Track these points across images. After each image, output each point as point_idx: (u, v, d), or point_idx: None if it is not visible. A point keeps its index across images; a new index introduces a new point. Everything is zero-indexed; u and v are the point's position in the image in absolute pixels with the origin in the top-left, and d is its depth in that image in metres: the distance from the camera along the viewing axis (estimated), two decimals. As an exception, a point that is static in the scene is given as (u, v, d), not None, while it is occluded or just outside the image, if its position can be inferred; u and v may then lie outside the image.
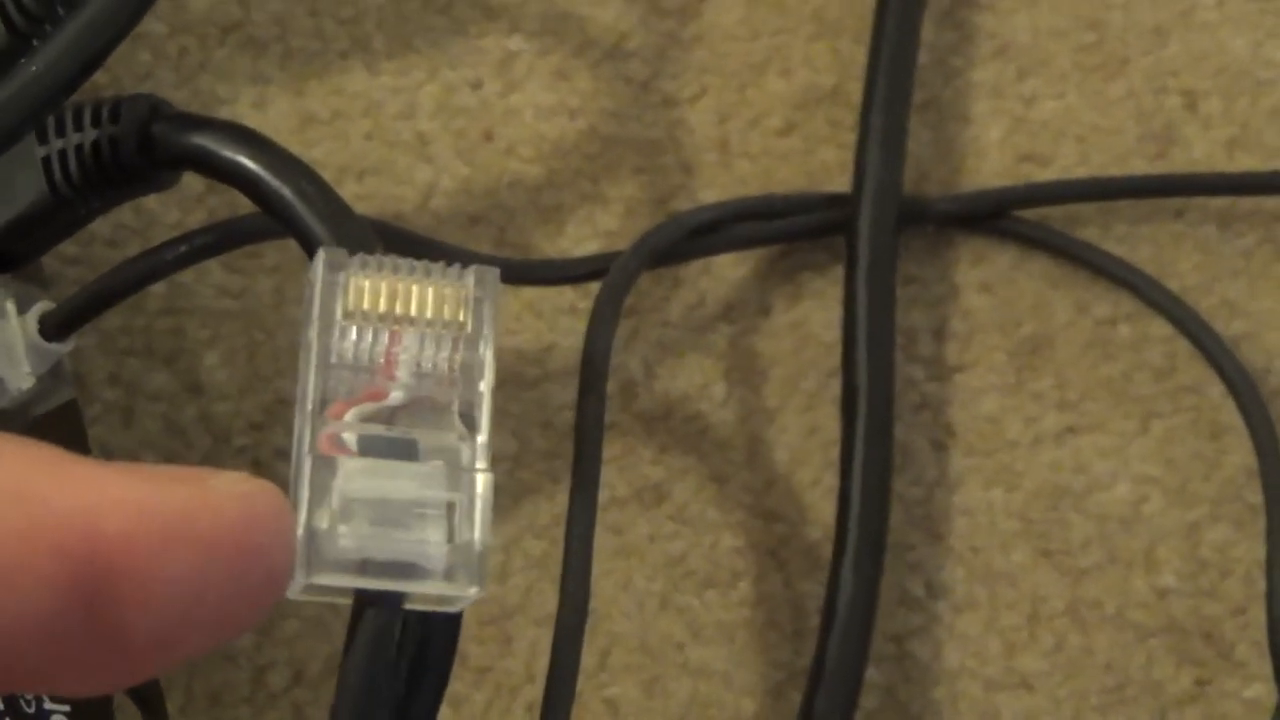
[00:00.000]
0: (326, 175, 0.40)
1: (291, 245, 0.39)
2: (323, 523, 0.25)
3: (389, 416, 0.26)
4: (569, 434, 0.40)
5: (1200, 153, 0.44)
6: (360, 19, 0.41)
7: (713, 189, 0.42)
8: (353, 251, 0.26)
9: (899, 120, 0.42)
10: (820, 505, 0.40)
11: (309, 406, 0.25)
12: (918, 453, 0.41)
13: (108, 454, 0.38)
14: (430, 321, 0.26)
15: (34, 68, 0.32)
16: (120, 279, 0.34)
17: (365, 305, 0.26)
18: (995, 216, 0.42)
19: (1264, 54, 0.44)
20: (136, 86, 0.40)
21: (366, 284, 0.26)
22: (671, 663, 0.39)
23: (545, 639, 0.33)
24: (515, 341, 0.40)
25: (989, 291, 0.42)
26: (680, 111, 0.42)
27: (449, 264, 0.26)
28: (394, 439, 0.26)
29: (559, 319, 0.41)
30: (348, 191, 0.40)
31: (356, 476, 0.25)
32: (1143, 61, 0.44)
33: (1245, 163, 0.44)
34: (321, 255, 0.26)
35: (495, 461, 0.40)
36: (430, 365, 0.26)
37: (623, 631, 0.39)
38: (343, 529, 0.25)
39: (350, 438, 0.25)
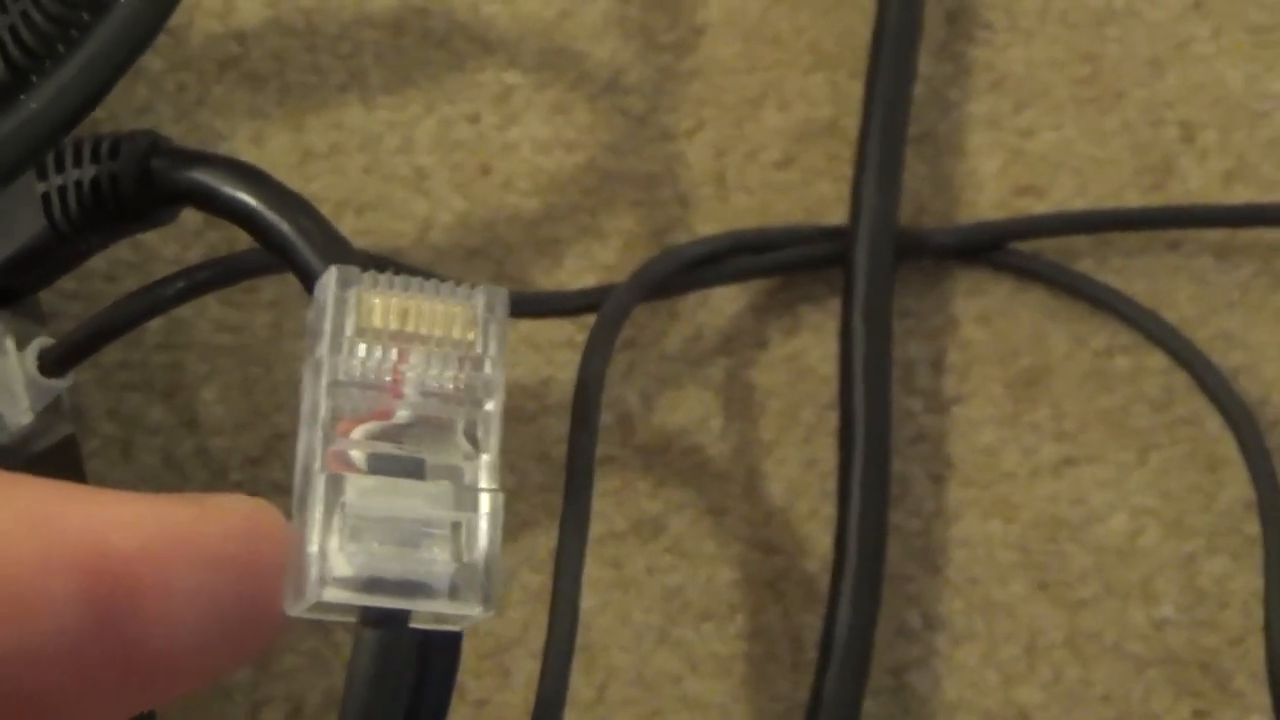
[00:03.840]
0: (325, 210, 0.40)
1: (288, 280, 0.39)
2: (331, 540, 0.25)
3: (396, 435, 0.26)
4: (567, 467, 0.40)
5: (1197, 185, 0.44)
6: (358, 54, 0.42)
7: (710, 222, 0.42)
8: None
9: (895, 153, 0.42)
10: (818, 537, 0.40)
11: (319, 424, 0.25)
12: (916, 485, 0.41)
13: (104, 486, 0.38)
14: (439, 340, 0.26)
15: (34, 105, 0.32)
16: (119, 314, 0.34)
17: (375, 322, 0.26)
18: (992, 249, 0.43)
19: (1260, 86, 0.45)
20: (135, 121, 0.40)
21: (377, 301, 0.26)
22: (669, 696, 0.39)
23: (542, 673, 0.33)
24: (512, 375, 0.40)
25: (986, 323, 0.43)
26: (678, 145, 0.42)
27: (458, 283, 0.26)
28: (402, 458, 0.26)
29: (556, 353, 0.41)
30: (346, 226, 0.40)
31: (365, 494, 0.25)
32: (1139, 93, 0.44)
33: (1242, 194, 0.44)
34: (334, 272, 0.26)
35: (493, 495, 0.40)
36: (437, 384, 0.26)
37: (620, 665, 0.39)
38: (351, 547, 0.25)
39: (359, 456, 0.25)
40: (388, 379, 0.25)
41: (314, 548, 0.24)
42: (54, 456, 0.36)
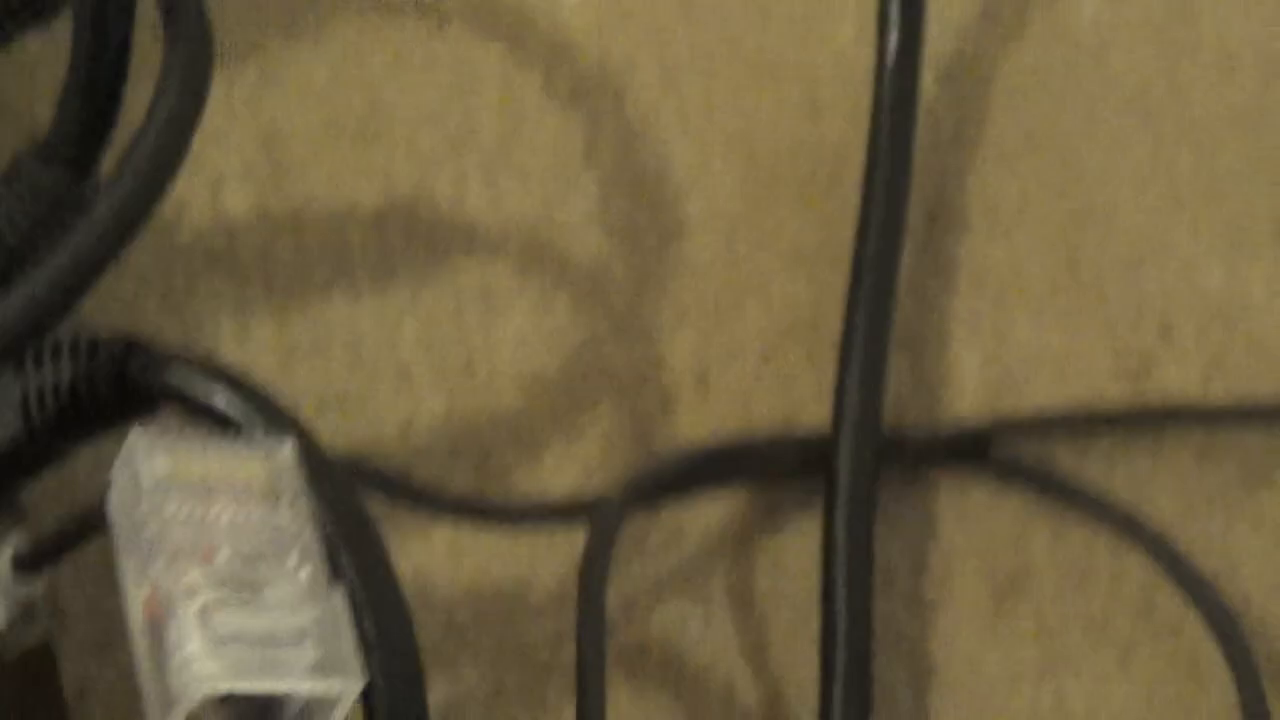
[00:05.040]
0: (307, 406, 0.40)
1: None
2: (192, 663, 0.26)
3: (226, 568, 0.28)
4: (549, 671, 0.40)
5: (1176, 383, 0.44)
6: (343, 249, 0.41)
7: (691, 422, 0.42)
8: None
9: (878, 358, 0.42)
10: (798, 743, 0.40)
11: (156, 569, 0.27)
12: (894, 691, 0.41)
13: (83, 691, 0.38)
14: (241, 489, 0.29)
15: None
16: (99, 511, 0.34)
17: (185, 477, 0.28)
18: (974, 452, 0.42)
19: (1239, 284, 0.45)
20: (120, 312, 0.40)
21: (180, 459, 0.28)
22: None
23: None
24: (493, 575, 0.40)
25: (967, 524, 0.42)
26: (660, 343, 0.42)
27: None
28: (238, 580, 0.28)
29: (538, 550, 0.41)
30: (328, 422, 0.40)
31: (213, 621, 0.27)
32: (1118, 294, 0.44)
33: (1222, 394, 0.44)
34: (135, 434, 0.28)
35: (470, 700, 0.39)
36: (246, 528, 0.28)
37: None
38: (211, 666, 0.27)
39: (197, 589, 0.27)
40: (207, 523, 0.28)
41: (182, 655, 0.26)
42: (28, 663, 0.35)
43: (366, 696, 0.30)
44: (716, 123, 0.44)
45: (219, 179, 0.41)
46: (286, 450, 0.29)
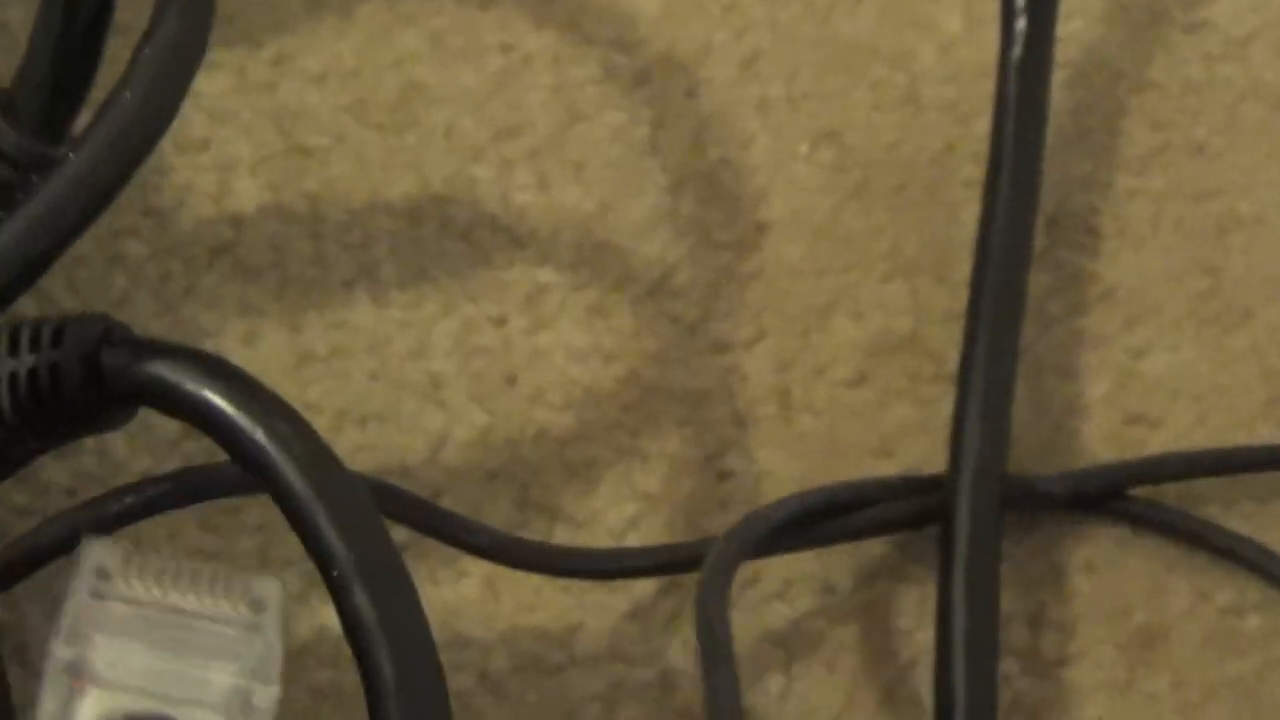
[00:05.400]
0: (323, 421, 0.36)
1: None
2: None
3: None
4: (596, 730, 0.34)
5: (1337, 418, 0.39)
6: (368, 244, 0.37)
7: (770, 446, 0.37)
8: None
9: (1002, 393, 0.37)
10: (894, 824, 0.34)
11: None
12: (1011, 762, 0.35)
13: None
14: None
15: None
16: (49, 537, 0.29)
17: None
18: (1107, 498, 0.37)
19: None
20: (109, 311, 0.35)
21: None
22: None
23: None
24: (535, 619, 0.35)
25: (1094, 573, 0.37)
26: (734, 357, 0.38)
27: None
28: None
29: (588, 594, 0.35)
30: (347, 440, 0.36)
31: None
32: (1268, 312, 0.40)
33: (1390, 430, 0.38)
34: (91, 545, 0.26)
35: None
36: None
37: None
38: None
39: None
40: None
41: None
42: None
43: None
44: (801, 115, 0.40)
45: (228, 164, 0.37)
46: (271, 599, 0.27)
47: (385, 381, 0.36)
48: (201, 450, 0.35)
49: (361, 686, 0.33)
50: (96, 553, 0.26)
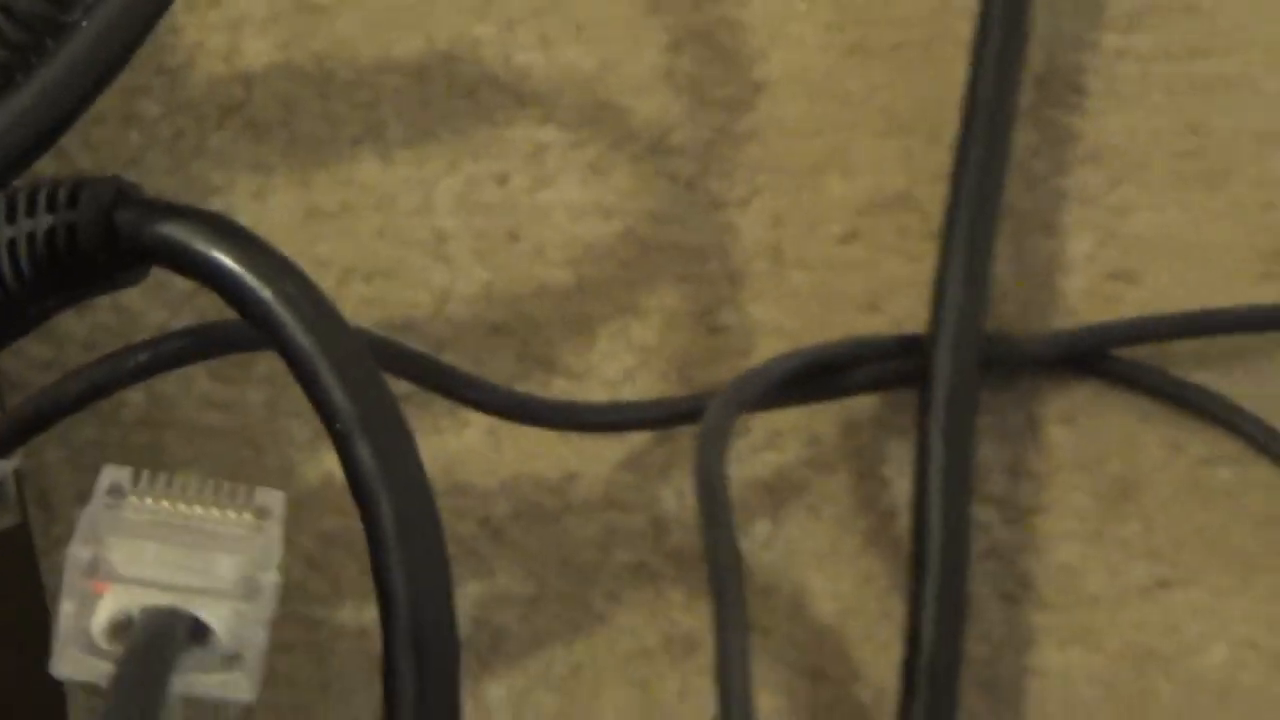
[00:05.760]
0: (330, 276, 0.36)
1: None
2: None
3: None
4: (594, 575, 0.36)
5: (1313, 275, 0.39)
6: (375, 103, 0.37)
7: (763, 301, 0.38)
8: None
9: (983, 250, 0.37)
10: (873, 663, 0.36)
11: None
12: (985, 606, 0.36)
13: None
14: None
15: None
16: (69, 390, 0.30)
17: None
18: (1088, 359, 0.38)
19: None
20: (124, 171, 0.36)
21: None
22: (698, 841, 0.35)
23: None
24: (535, 468, 0.36)
25: (1071, 425, 0.38)
26: (729, 214, 0.38)
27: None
28: None
29: (586, 444, 0.36)
30: (354, 294, 0.36)
31: None
32: (1250, 171, 0.40)
33: (1364, 288, 0.39)
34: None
35: (506, 603, 0.35)
36: None
37: (643, 804, 0.35)
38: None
39: None
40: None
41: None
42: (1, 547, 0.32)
43: (385, 598, 0.26)
44: (799, -27, 0.40)
45: (238, 21, 0.38)
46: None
47: (391, 238, 0.37)
48: (214, 305, 0.36)
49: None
50: (111, 474, 0.27)
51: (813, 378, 0.37)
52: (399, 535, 0.27)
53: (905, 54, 0.40)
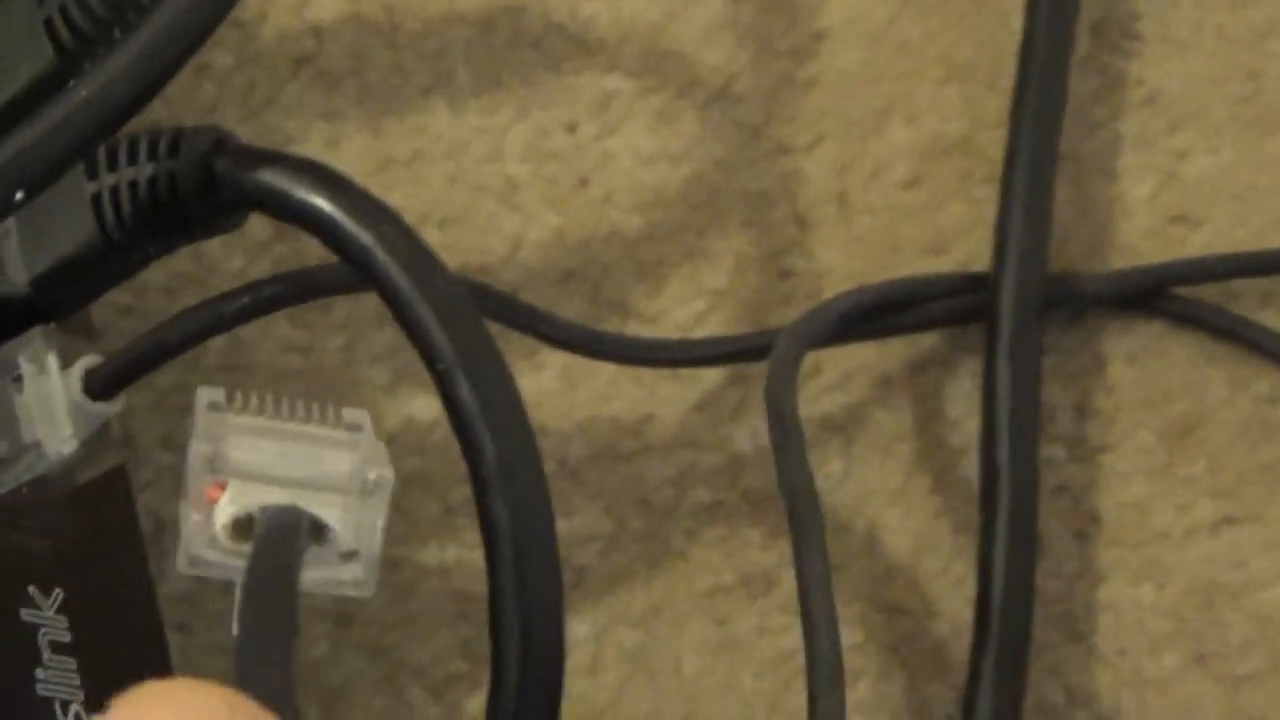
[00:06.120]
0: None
1: (362, 300, 0.36)
2: None
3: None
4: (669, 513, 0.36)
5: (1371, 216, 0.39)
6: (444, 53, 0.38)
7: (830, 246, 0.38)
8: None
9: (1043, 193, 0.38)
10: (948, 598, 0.36)
11: None
12: (1057, 542, 0.37)
13: (159, 523, 0.34)
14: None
15: (83, 92, 0.29)
16: (174, 332, 0.31)
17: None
18: (1149, 296, 0.38)
19: None
20: (199, 121, 0.36)
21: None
22: (780, 773, 0.35)
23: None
24: (610, 409, 0.37)
25: (1136, 365, 0.38)
26: (794, 160, 0.38)
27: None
28: None
29: (660, 385, 0.37)
30: (429, 241, 0.37)
31: None
32: (1307, 114, 0.40)
33: None
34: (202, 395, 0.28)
35: (586, 542, 0.36)
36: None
37: (725, 736, 0.35)
38: None
39: None
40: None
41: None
42: (100, 489, 0.32)
43: (490, 530, 0.26)
44: (858, -77, 0.40)
45: None
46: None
47: (463, 185, 0.37)
48: (291, 252, 0.36)
49: (452, 471, 0.35)
50: (207, 393, 0.28)
51: (879, 314, 0.37)
52: (501, 471, 0.27)
53: (962, 2, 0.40)
